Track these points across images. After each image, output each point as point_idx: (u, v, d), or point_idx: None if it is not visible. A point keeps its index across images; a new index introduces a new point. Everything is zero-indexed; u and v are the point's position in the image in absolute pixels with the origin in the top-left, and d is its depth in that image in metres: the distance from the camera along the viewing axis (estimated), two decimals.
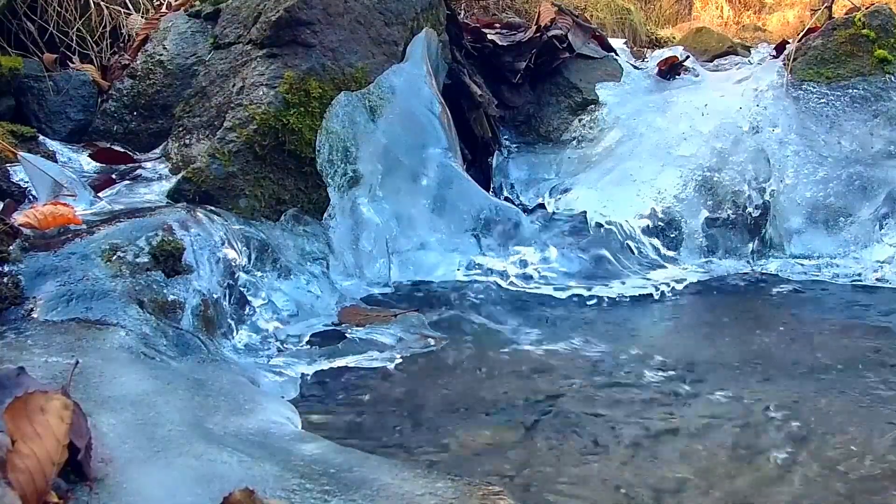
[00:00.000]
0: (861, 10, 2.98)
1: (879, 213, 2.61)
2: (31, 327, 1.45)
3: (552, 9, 3.27)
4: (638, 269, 2.57)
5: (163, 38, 2.73)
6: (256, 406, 1.41)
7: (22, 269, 1.59)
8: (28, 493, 0.90)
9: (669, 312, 2.34)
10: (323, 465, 1.19)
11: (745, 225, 2.70)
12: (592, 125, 3.03)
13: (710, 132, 2.83)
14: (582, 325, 2.19)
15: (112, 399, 1.23)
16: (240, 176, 2.21)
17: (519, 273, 2.47)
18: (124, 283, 1.61)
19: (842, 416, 1.65)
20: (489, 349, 1.99)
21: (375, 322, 2.05)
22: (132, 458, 1.09)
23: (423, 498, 1.10)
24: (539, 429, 1.59)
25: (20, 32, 3.17)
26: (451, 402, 1.70)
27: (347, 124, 2.34)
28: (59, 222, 1.78)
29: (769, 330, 2.16)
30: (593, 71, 3.17)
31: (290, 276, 2.10)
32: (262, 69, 2.32)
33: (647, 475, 1.43)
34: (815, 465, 1.47)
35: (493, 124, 2.98)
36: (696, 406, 1.70)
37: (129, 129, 2.63)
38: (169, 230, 1.79)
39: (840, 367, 1.90)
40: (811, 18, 3.68)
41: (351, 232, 2.35)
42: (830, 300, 2.41)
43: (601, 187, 2.76)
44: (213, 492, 1.03)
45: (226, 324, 1.80)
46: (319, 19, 2.36)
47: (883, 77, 2.82)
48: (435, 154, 2.51)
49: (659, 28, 7.53)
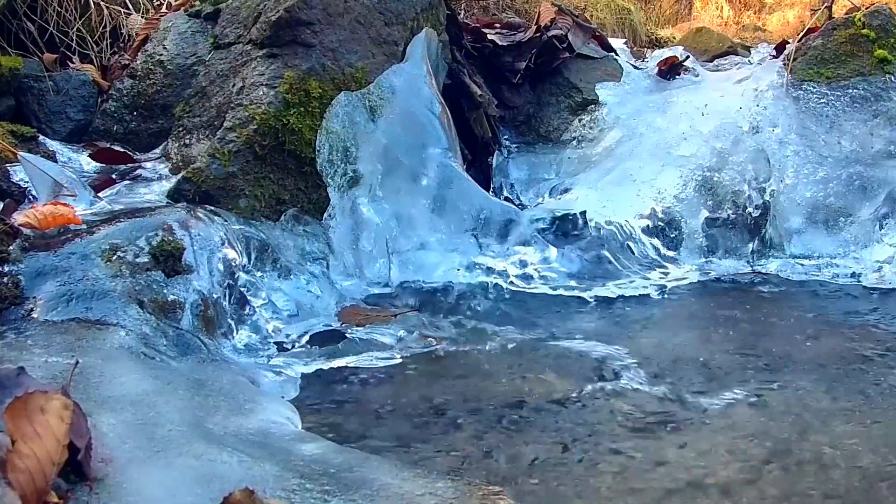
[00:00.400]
0: (861, 10, 2.98)
1: (879, 213, 2.61)
2: (31, 327, 1.46)
3: (552, 9, 3.27)
4: (638, 269, 2.57)
5: (163, 38, 2.73)
6: (256, 406, 1.41)
7: (22, 269, 1.59)
8: (28, 493, 0.90)
9: (669, 312, 2.34)
10: (323, 465, 1.19)
11: (745, 225, 2.70)
12: (592, 125, 3.03)
13: (710, 132, 2.83)
14: (582, 325, 2.19)
15: (112, 399, 1.23)
16: (240, 176, 2.21)
17: (519, 273, 2.47)
18: (124, 283, 1.61)
19: (842, 416, 1.65)
20: (489, 349, 1.99)
21: (375, 322, 2.05)
22: (132, 458, 1.09)
23: (423, 498, 1.10)
24: (539, 429, 1.59)
25: (20, 32, 3.16)
26: (450, 402, 1.70)
27: (347, 124, 2.34)
28: (59, 222, 1.78)
29: (769, 330, 2.16)
30: (593, 71, 3.18)
31: (290, 276, 2.10)
32: (262, 69, 2.32)
33: (647, 475, 1.43)
34: (815, 464, 1.47)
35: (493, 124, 2.98)
36: (696, 406, 1.70)
37: (129, 129, 2.63)
38: (169, 230, 1.79)
39: (840, 367, 1.90)
40: (811, 18, 3.68)
41: (351, 232, 2.35)
42: (830, 300, 2.41)
43: (601, 187, 2.76)
44: (213, 492, 1.03)
45: (226, 324, 1.80)
46: (319, 19, 2.36)
47: (883, 77, 2.82)
48: (435, 154, 2.51)
49: (659, 28, 7.53)
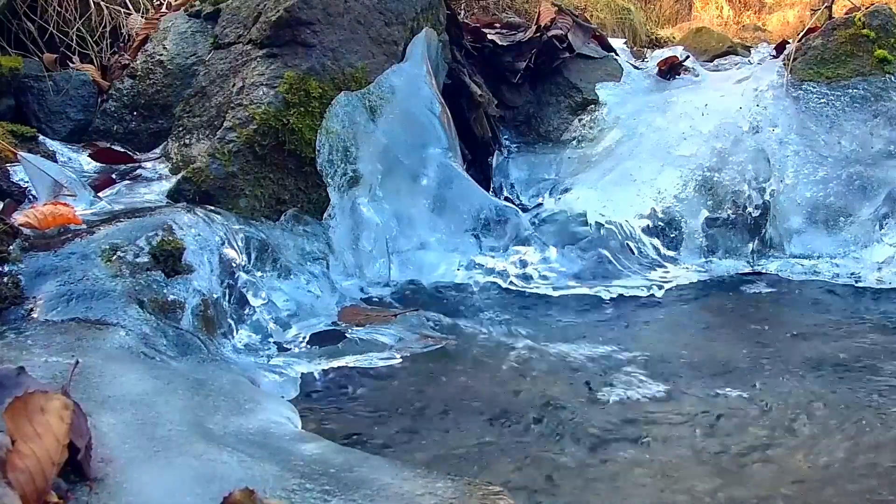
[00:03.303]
0: (861, 10, 2.98)
1: (879, 213, 2.61)
2: (31, 327, 1.45)
3: (552, 9, 3.27)
4: (638, 269, 2.57)
5: (163, 38, 2.73)
6: (256, 406, 1.41)
7: (22, 269, 1.59)
8: (28, 493, 0.90)
9: (669, 312, 2.34)
10: (323, 465, 1.19)
11: (745, 225, 2.70)
12: (592, 125, 3.03)
13: (710, 132, 2.83)
14: (582, 325, 2.19)
15: (112, 399, 1.23)
16: (240, 176, 2.21)
17: (519, 273, 2.47)
18: (124, 283, 1.61)
19: (842, 416, 1.65)
20: (489, 349, 1.99)
21: (375, 322, 2.05)
22: (132, 458, 1.08)
23: (423, 498, 1.10)
24: (539, 429, 1.59)
25: (20, 32, 3.16)
26: (450, 402, 1.70)
27: (347, 124, 2.34)
28: (59, 222, 1.78)
29: (769, 330, 2.16)
30: (593, 71, 3.17)
31: (290, 276, 2.10)
32: (262, 69, 2.32)
33: (647, 476, 1.43)
34: (814, 464, 1.47)
35: (493, 124, 2.98)
36: (696, 406, 1.70)
37: (129, 129, 2.62)
38: (169, 230, 1.79)
39: (840, 367, 1.90)
40: (811, 18, 3.68)
41: (351, 232, 2.35)
42: (830, 300, 2.41)
43: (601, 187, 2.76)
44: (213, 492, 1.03)
45: (226, 324, 1.80)
46: (319, 19, 2.36)
47: (883, 77, 2.82)
48: (435, 154, 2.51)
49: (659, 28, 7.54)
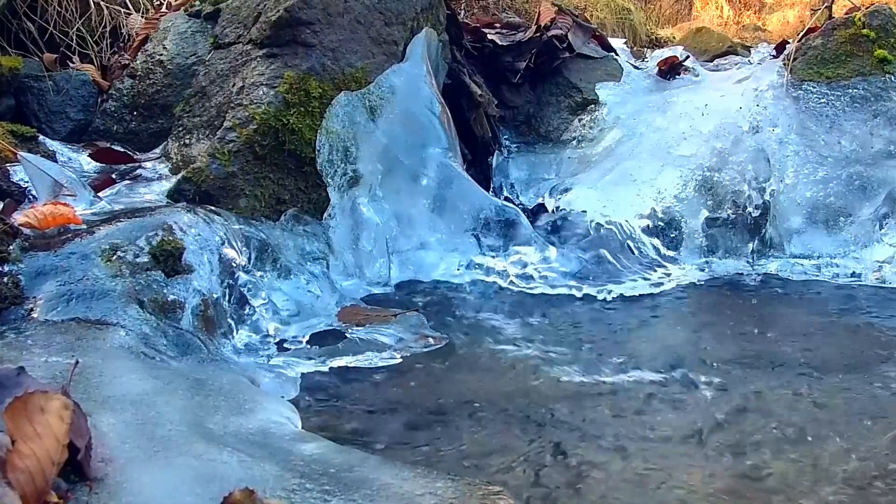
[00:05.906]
0: (861, 10, 2.98)
1: (879, 213, 2.61)
2: (31, 327, 1.45)
3: (552, 9, 3.27)
4: (638, 269, 2.57)
5: (163, 38, 2.73)
6: (256, 406, 1.41)
7: (22, 269, 1.59)
8: (28, 493, 0.90)
9: (669, 312, 2.34)
10: (323, 465, 1.19)
11: (745, 225, 2.70)
12: (592, 125, 3.03)
13: (710, 132, 2.83)
14: (582, 325, 2.19)
15: (112, 399, 1.23)
16: (240, 176, 2.21)
17: (519, 273, 2.47)
18: (124, 283, 1.61)
19: (842, 416, 1.65)
20: (489, 349, 1.99)
21: (375, 322, 2.05)
22: (132, 458, 1.08)
23: (423, 498, 1.10)
24: (539, 429, 1.59)
25: (20, 32, 3.16)
26: (450, 402, 1.70)
27: (347, 124, 2.34)
28: (59, 222, 1.78)
29: (769, 329, 2.16)
30: (593, 71, 3.17)
31: (290, 276, 2.10)
32: (262, 69, 2.32)
33: (647, 476, 1.43)
34: (814, 464, 1.47)
35: (493, 124, 2.98)
36: (696, 406, 1.70)
37: (129, 129, 2.63)
38: (169, 230, 1.79)
39: (840, 367, 1.90)
40: (811, 18, 3.68)
41: (351, 232, 2.35)
42: (831, 300, 2.41)
43: (601, 187, 2.76)
44: (213, 492, 1.03)
45: (226, 324, 1.80)
46: (319, 19, 2.36)
47: (883, 77, 2.82)
48: (435, 154, 2.51)
49: (659, 28, 7.53)
